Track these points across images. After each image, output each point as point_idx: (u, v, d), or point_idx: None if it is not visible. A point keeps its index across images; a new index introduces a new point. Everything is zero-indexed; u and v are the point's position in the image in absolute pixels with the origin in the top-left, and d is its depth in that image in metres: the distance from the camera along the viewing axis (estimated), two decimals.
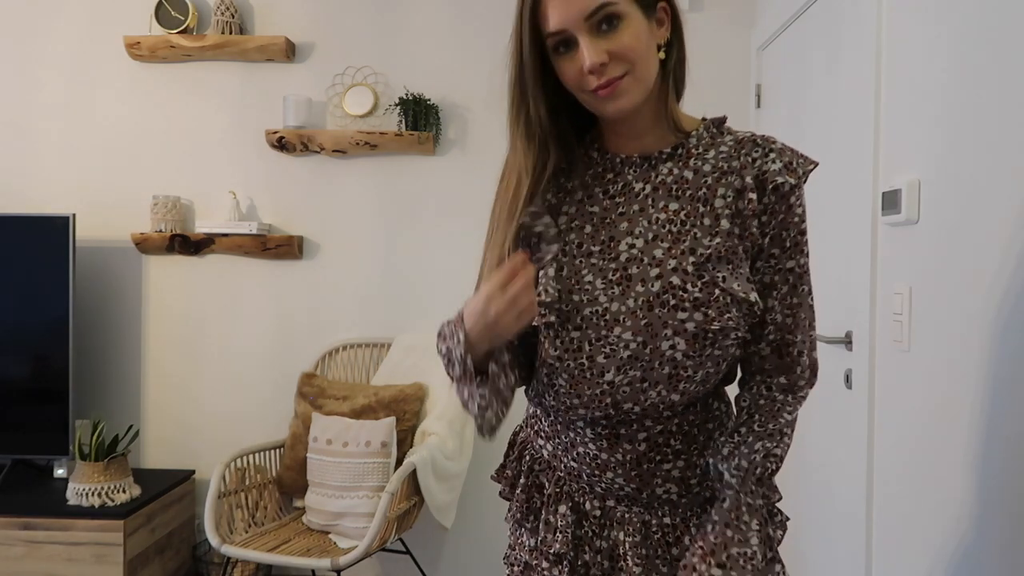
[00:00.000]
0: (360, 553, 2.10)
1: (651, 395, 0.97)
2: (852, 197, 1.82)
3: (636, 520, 1.03)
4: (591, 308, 0.96)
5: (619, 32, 0.91)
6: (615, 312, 0.95)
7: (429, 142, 2.73)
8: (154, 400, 2.89)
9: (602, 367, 0.96)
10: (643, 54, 0.93)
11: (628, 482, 1.02)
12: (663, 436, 1.00)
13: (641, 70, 0.93)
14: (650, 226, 0.97)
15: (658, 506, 1.03)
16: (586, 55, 0.90)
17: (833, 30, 2.00)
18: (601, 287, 0.96)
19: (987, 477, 1.27)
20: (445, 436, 2.38)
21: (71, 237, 2.60)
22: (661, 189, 0.99)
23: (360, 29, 2.83)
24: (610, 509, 1.05)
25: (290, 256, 2.83)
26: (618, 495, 1.03)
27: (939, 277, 1.42)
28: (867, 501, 1.70)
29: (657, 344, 0.94)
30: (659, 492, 1.02)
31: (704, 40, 2.74)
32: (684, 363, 0.95)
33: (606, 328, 0.95)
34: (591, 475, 1.04)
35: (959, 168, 1.36)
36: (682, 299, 0.93)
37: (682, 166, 0.99)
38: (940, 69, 1.44)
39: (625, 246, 0.97)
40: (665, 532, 1.03)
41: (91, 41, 2.87)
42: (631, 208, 0.99)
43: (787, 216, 0.97)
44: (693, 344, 0.94)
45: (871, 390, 1.69)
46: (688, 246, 0.95)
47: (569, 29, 0.91)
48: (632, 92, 0.93)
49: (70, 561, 2.37)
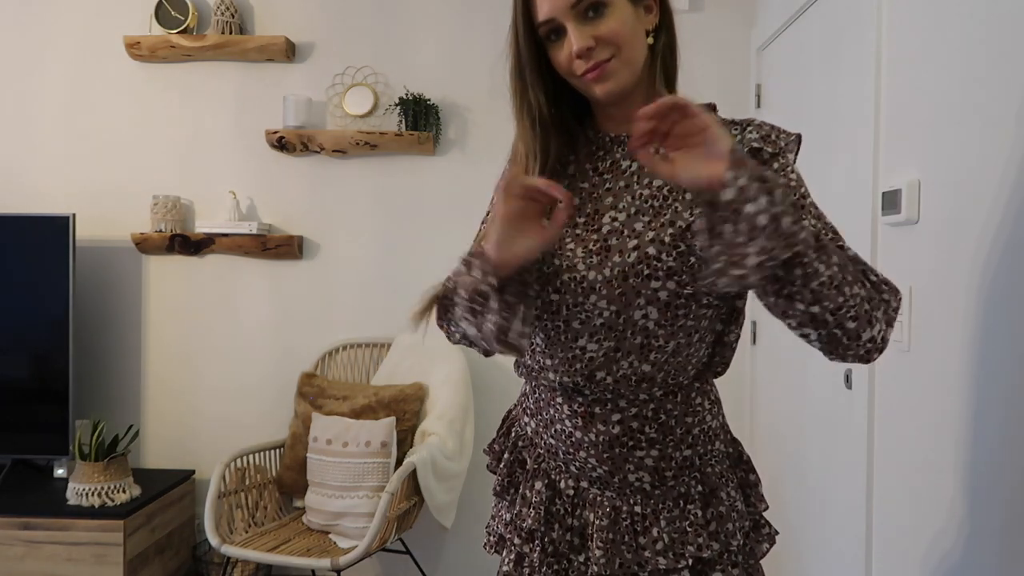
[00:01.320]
0: (360, 553, 2.10)
1: (623, 365, 1.00)
2: (852, 197, 1.82)
3: (607, 504, 1.05)
4: (569, 274, 0.99)
5: (605, 18, 0.95)
6: (591, 280, 0.99)
7: (429, 142, 2.73)
8: (154, 400, 2.89)
9: (576, 332, 1.00)
10: (628, 38, 0.97)
11: (600, 463, 1.04)
12: (637, 421, 1.02)
13: (627, 53, 0.97)
14: (633, 201, 1.01)
15: (630, 493, 1.04)
16: (573, 40, 0.95)
17: (833, 30, 2.00)
18: (581, 255, 1.00)
19: (987, 477, 1.27)
20: (445, 436, 2.38)
21: (71, 237, 2.60)
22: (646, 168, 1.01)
23: (360, 29, 2.83)
24: (583, 490, 1.07)
25: (290, 256, 2.83)
26: (590, 476, 1.06)
27: (939, 277, 1.42)
28: (867, 501, 1.70)
29: (630, 314, 0.98)
30: (631, 479, 1.04)
31: (704, 40, 2.74)
32: (656, 332, 0.98)
33: (582, 295, 0.99)
34: (566, 453, 1.06)
35: (959, 168, 1.36)
36: (656, 268, 0.96)
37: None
38: (940, 69, 1.44)
39: (608, 219, 1.01)
40: (634, 520, 1.04)
41: (91, 41, 2.87)
42: (617, 184, 1.03)
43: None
44: (665, 313, 0.97)
45: (871, 390, 1.69)
46: (668, 219, 0.98)
47: (557, 18, 0.96)
48: (619, 74, 0.98)
49: (70, 561, 2.37)
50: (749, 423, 2.69)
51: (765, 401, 2.56)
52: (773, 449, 2.46)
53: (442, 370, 2.57)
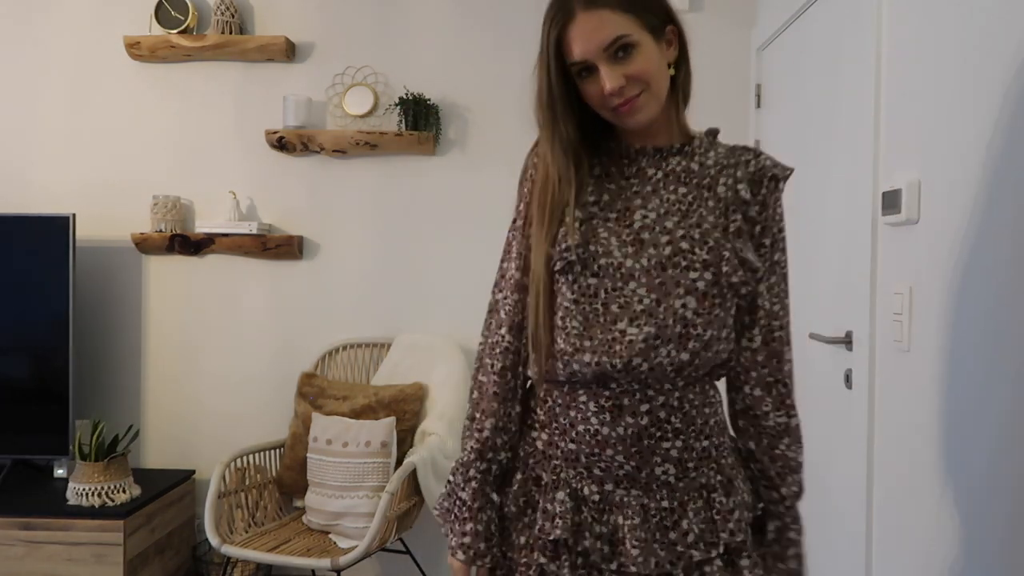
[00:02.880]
0: (360, 553, 2.10)
1: (662, 352, 1.03)
2: (852, 197, 1.82)
3: (635, 503, 1.06)
4: (606, 259, 1.05)
5: (634, 58, 1.03)
6: (629, 268, 1.05)
7: (429, 142, 2.73)
8: (154, 400, 2.90)
9: (615, 315, 1.04)
10: (656, 74, 1.05)
11: (628, 459, 1.05)
12: (664, 411, 1.05)
13: (656, 88, 1.06)
14: (661, 204, 1.09)
15: (656, 488, 1.06)
16: (606, 81, 1.03)
17: (833, 30, 2.00)
18: (616, 244, 1.06)
19: (987, 477, 1.27)
20: (445, 436, 2.38)
21: (71, 237, 2.60)
22: (671, 176, 1.11)
23: (360, 29, 2.83)
24: (609, 493, 1.07)
25: (290, 256, 2.83)
26: (617, 475, 1.06)
27: (939, 277, 1.42)
28: (867, 501, 1.70)
29: (670, 302, 1.03)
30: (658, 472, 1.06)
31: (704, 40, 2.73)
32: (694, 320, 1.03)
33: (621, 280, 1.05)
34: (590, 455, 1.07)
35: (959, 168, 1.36)
36: (692, 260, 1.04)
37: (688, 160, 1.12)
38: (940, 69, 1.44)
39: (639, 216, 1.08)
40: (663, 516, 1.06)
41: (91, 41, 2.87)
42: (644, 189, 1.11)
43: (774, 210, 1.11)
44: (703, 302, 1.04)
45: (871, 390, 1.69)
46: (696, 220, 1.07)
47: (590, 59, 1.04)
48: (648, 107, 1.06)
49: (70, 561, 2.37)
50: None
51: None
52: None
53: (442, 370, 2.57)
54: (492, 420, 1.12)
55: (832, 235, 1.99)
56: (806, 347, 2.15)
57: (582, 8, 1.03)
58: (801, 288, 2.20)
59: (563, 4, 1.05)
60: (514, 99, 2.77)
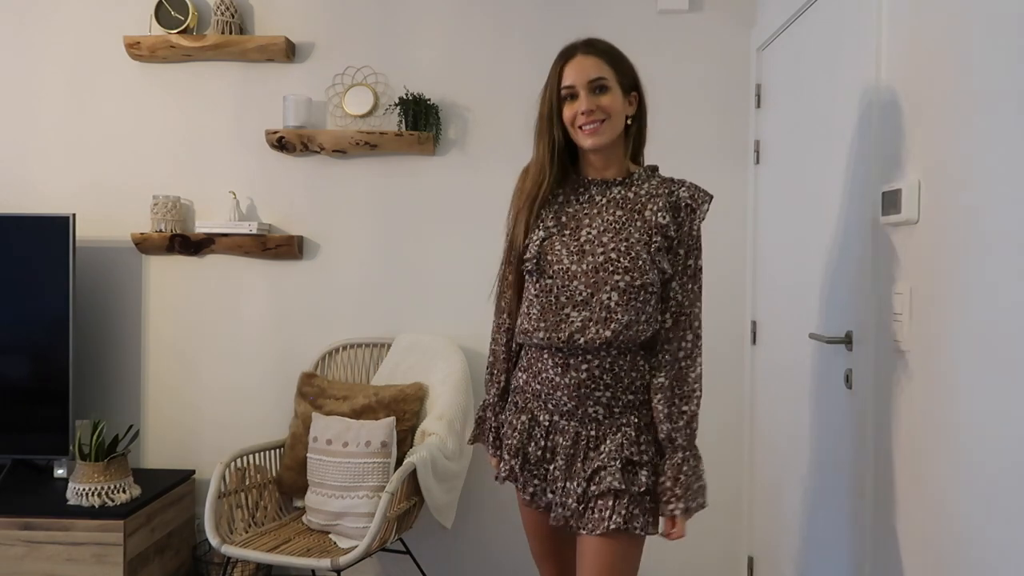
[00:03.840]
0: (360, 553, 2.10)
1: (591, 330, 1.50)
2: (852, 197, 1.82)
3: (571, 431, 1.55)
4: (558, 266, 1.53)
5: (604, 95, 1.52)
6: (574, 271, 1.52)
7: (429, 142, 2.73)
8: (154, 400, 2.90)
9: (563, 304, 1.52)
10: (616, 112, 1.53)
11: (570, 400, 1.53)
12: (598, 370, 1.52)
13: (613, 121, 1.53)
14: (601, 223, 1.55)
15: (588, 422, 1.54)
16: (583, 102, 1.51)
17: (833, 30, 2.00)
18: (565, 255, 1.53)
19: (987, 477, 1.27)
20: (445, 436, 2.38)
21: (71, 237, 2.60)
22: (612, 202, 1.56)
23: (360, 29, 2.83)
24: (555, 422, 1.56)
25: (290, 256, 2.83)
26: (562, 410, 1.55)
27: (939, 277, 1.42)
28: (867, 501, 1.70)
29: (600, 296, 1.50)
30: (590, 411, 1.53)
31: (704, 40, 2.74)
32: (616, 309, 1.49)
33: (568, 279, 1.52)
34: (547, 395, 1.56)
35: (959, 168, 1.36)
36: (617, 267, 1.50)
37: (626, 190, 1.57)
38: (940, 69, 1.44)
39: (584, 233, 1.55)
40: (589, 441, 1.53)
41: (91, 41, 2.87)
42: (592, 211, 1.57)
43: (689, 228, 1.55)
44: (623, 296, 1.49)
45: (871, 390, 1.69)
46: (624, 237, 1.52)
47: (576, 86, 1.52)
48: (604, 133, 1.52)
49: (70, 561, 2.37)
50: (749, 423, 2.69)
51: (765, 401, 2.56)
52: (773, 449, 2.46)
53: (442, 370, 2.57)
54: (504, 376, 1.69)
55: (832, 235, 1.99)
56: (806, 347, 2.15)
57: (582, 52, 1.53)
58: (801, 288, 2.21)
59: (571, 47, 1.55)
60: (514, 99, 2.78)
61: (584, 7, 2.77)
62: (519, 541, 2.82)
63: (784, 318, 2.38)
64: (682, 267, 1.54)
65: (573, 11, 2.77)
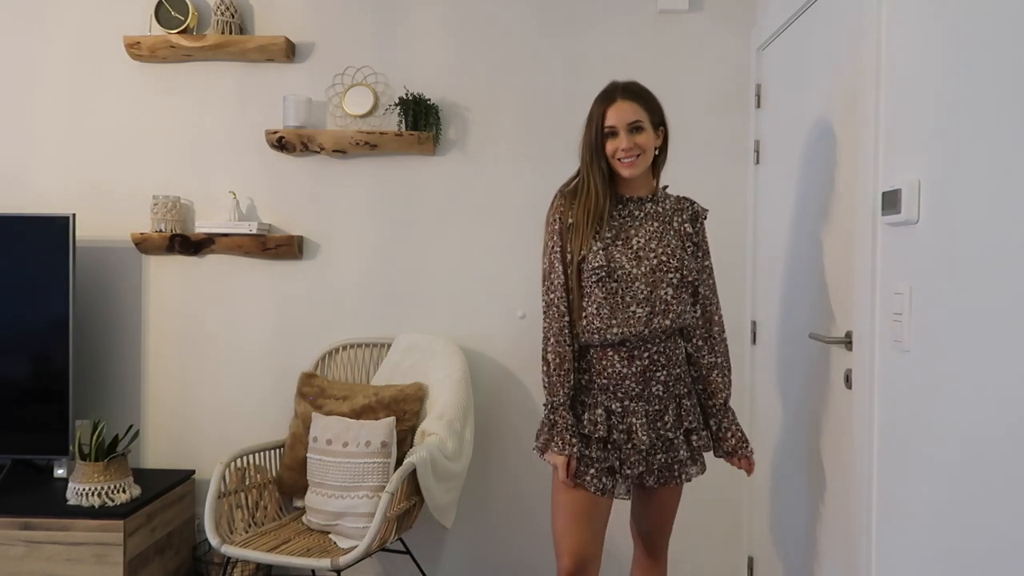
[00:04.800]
0: (360, 553, 2.10)
1: (654, 321, 1.82)
2: (852, 197, 1.82)
3: (640, 411, 1.83)
4: (621, 271, 1.82)
5: (640, 134, 1.83)
6: (635, 274, 1.82)
7: (429, 142, 2.73)
8: (154, 400, 2.90)
9: (628, 303, 1.82)
10: (648, 147, 1.84)
11: (637, 384, 1.83)
12: (657, 355, 1.84)
13: (646, 155, 1.84)
14: (646, 233, 1.87)
15: (651, 400, 1.84)
16: (623, 141, 1.81)
17: (833, 30, 2.00)
18: (625, 261, 1.83)
19: (988, 477, 1.27)
20: (445, 436, 2.38)
21: (71, 237, 2.60)
22: (647, 216, 1.89)
23: (360, 29, 2.83)
24: (626, 406, 1.84)
25: (290, 256, 2.83)
26: (631, 395, 1.84)
27: (939, 277, 1.42)
28: (868, 501, 1.70)
29: (658, 292, 1.83)
30: (653, 390, 1.84)
31: (704, 40, 2.74)
32: (672, 302, 1.83)
33: (630, 282, 1.82)
34: (615, 385, 1.84)
35: (959, 168, 1.36)
36: (669, 267, 1.83)
37: (655, 206, 1.90)
38: (940, 69, 1.44)
39: (635, 242, 1.86)
40: (655, 414, 1.85)
41: (91, 41, 2.87)
42: (635, 224, 1.88)
43: (703, 234, 1.94)
44: (676, 290, 1.84)
45: (871, 390, 1.69)
46: (666, 243, 1.86)
47: (617, 127, 1.82)
48: (639, 165, 1.84)
49: (70, 561, 2.37)
50: (749, 423, 2.69)
51: (765, 401, 2.56)
52: (773, 449, 2.46)
53: (442, 370, 2.57)
54: (571, 376, 1.84)
55: (832, 235, 1.99)
56: (806, 347, 2.15)
57: (621, 97, 1.83)
58: (801, 288, 2.20)
59: (610, 92, 1.85)
60: (514, 99, 2.79)
61: (585, 7, 2.76)
62: (519, 541, 2.83)
63: (784, 318, 2.37)
64: (702, 267, 1.92)
65: (573, 11, 2.77)
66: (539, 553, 2.77)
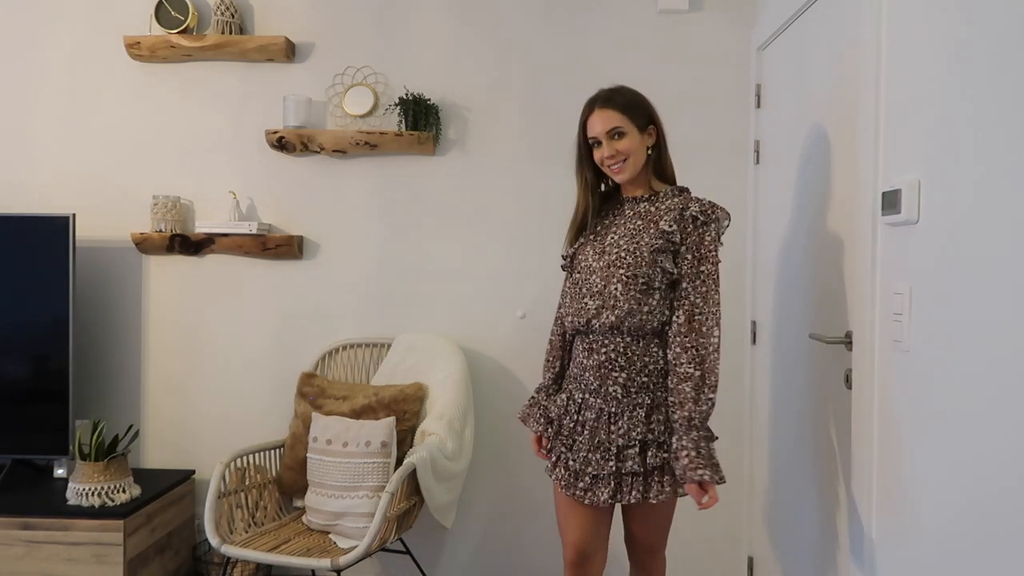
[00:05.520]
0: (360, 553, 2.10)
1: (603, 315, 1.81)
2: (852, 197, 1.82)
3: (595, 406, 1.83)
4: (585, 263, 1.88)
5: (622, 140, 1.83)
6: (594, 268, 1.86)
7: (429, 142, 2.73)
8: (154, 400, 2.90)
9: (583, 294, 1.86)
10: (634, 151, 1.84)
11: (595, 379, 1.83)
12: (614, 354, 1.81)
13: (633, 159, 1.84)
14: (623, 231, 1.86)
15: (609, 399, 1.82)
16: (604, 150, 1.84)
17: (833, 30, 2.00)
18: (591, 255, 1.88)
19: (988, 477, 1.27)
20: (445, 436, 2.38)
21: (71, 237, 2.60)
22: (636, 214, 1.87)
23: (360, 29, 2.83)
24: (585, 399, 1.86)
25: (290, 256, 2.83)
26: (589, 388, 1.85)
27: (939, 277, 1.42)
28: (867, 501, 1.70)
29: (608, 286, 1.82)
30: (610, 390, 1.81)
31: (704, 40, 2.74)
32: (619, 297, 1.80)
33: (589, 273, 1.86)
34: (579, 375, 1.88)
35: (959, 168, 1.36)
36: (623, 262, 1.81)
37: (650, 205, 1.87)
38: (941, 69, 1.44)
39: (610, 238, 1.87)
40: (610, 417, 1.81)
41: (91, 41, 2.87)
42: (620, 222, 1.89)
43: (699, 238, 1.78)
44: (625, 287, 1.79)
45: (871, 390, 1.69)
46: (635, 241, 1.82)
47: (598, 136, 1.85)
48: (628, 170, 1.85)
49: (70, 561, 2.37)
50: (749, 423, 2.69)
51: (765, 402, 2.56)
52: (773, 450, 2.46)
53: (442, 370, 2.57)
54: (559, 362, 1.99)
55: (832, 235, 1.99)
56: (806, 347, 2.15)
57: (599, 107, 1.84)
58: (801, 288, 2.20)
59: (591, 103, 1.86)
60: (514, 99, 2.79)
61: (584, 7, 2.77)
62: (519, 541, 2.83)
63: (784, 318, 2.37)
64: (693, 272, 1.77)
65: (574, 11, 2.77)
66: (539, 553, 2.77)
